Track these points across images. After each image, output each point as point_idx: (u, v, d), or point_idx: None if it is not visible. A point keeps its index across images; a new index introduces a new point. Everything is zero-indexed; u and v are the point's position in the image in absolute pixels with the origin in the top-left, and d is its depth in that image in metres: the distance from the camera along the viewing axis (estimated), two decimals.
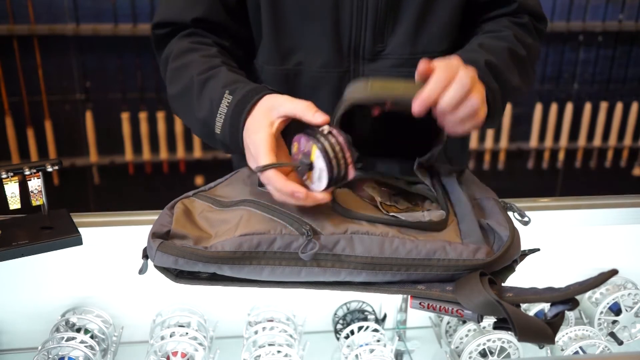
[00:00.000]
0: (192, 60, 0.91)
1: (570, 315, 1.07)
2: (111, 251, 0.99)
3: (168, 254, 0.69)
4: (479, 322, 0.69)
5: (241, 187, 0.83)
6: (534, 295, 0.67)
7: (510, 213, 0.79)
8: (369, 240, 0.71)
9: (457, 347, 0.99)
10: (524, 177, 3.10)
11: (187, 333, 0.96)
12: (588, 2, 2.87)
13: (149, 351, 0.93)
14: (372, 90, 0.75)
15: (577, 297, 0.66)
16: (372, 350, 0.96)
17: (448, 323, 1.05)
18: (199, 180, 2.73)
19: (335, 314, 1.09)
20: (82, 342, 0.92)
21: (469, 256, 0.70)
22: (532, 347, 1.01)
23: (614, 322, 1.09)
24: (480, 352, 0.96)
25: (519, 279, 0.73)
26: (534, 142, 3.02)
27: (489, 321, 0.98)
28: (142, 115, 2.59)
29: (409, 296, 0.71)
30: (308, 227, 0.71)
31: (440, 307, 0.70)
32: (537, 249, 0.77)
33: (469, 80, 0.73)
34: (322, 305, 1.09)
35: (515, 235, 0.73)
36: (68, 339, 0.93)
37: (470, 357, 0.96)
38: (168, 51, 0.97)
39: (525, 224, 0.78)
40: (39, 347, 0.91)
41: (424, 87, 0.73)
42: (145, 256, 0.73)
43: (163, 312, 1.02)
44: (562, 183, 3.13)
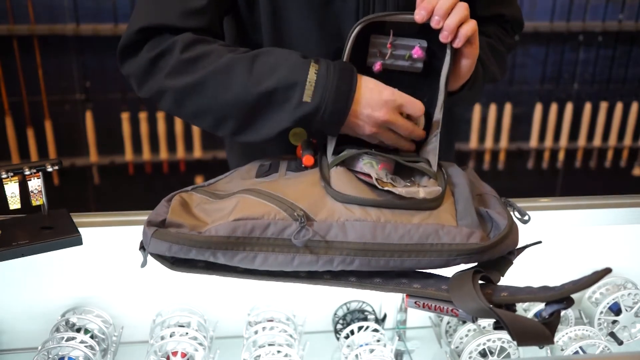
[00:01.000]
0: (215, 49, 0.86)
1: (570, 315, 1.07)
2: (111, 251, 0.99)
3: (162, 241, 0.70)
4: (474, 322, 0.69)
5: (239, 182, 0.83)
6: (529, 294, 0.67)
7: (510, 211, 0.79)
8: (361, 227, 0.71)
9: (457, 347, 0.99)
10: (524, 177, 3.09)
11: (187, 333, 0.96)
12: (588, 2, 2.87)
13: (149, 351, 0.93)
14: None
15: (577, 296, 0.66)
16: (372, 350, 0.96)
17: (448, 323, 1.05)
18: (199, 180, 2.73)
19: (335, 314, 1.09)
20: (82, 342, 0.92)
21: (462, 240, 0.70)
22: (532, 347, 1.01)
23: (614, 322, 1.09)
24: (480, 352, 0.96)
25: (518, 278, 0.73)
26: (534, 142, 3.02)
27: (488, 321, 0.98)
28: (142, 115, 2.59)
29: (405, 295, 0.71)
30: (302, 213, 0.71)
31: (435, 306, 0.70)
32: (539, 242, 0.77)
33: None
34: (322, 305, 1.09)
35: (513, 226, 0.73)
36: (68, 339, 0.93)
37: (470, 357, 0.96)
38: (163, 46, 0.89)
39: (525, 222, 0.78)
40: (39, 347, 0.91)
41: None
42: (142, 247, 0.73)
43: (163, 312, 1.02)
44: (562, 183, 3.13)
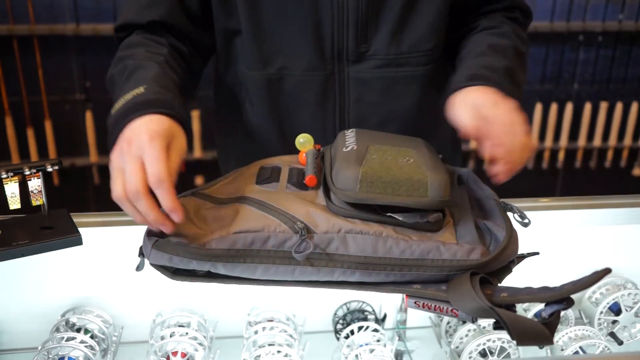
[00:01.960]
0: (136, 53, 0.90)
1: (570, 315, 1.07)
2: (111, 251, 0.99)
3: (163, 252, 0.70)
4: (473, 322, 0.69)
5: (240, 185, 0.83)
6: (529, 295, 0.66)
7: (510, 214, 0.79)
8: (363, 240, 0.71)
9: (457, 347, 0.99)
10: (524, 177, 3.09)
11: (187, 333, 0.96)
12: (588, 2, 2.87)
13: (149, 351, 0.93)
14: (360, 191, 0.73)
15: (577, 296, 0.66)
16: (372, 350, 0.96)
17: (448, 323, 1.05)
18: (199, 180, 2.73)
19: (335, 314, 1.09)
20: (82, 342, 0.92)
21: (463, 256, 0.70)
22: (532, 347, 1.01)
23: (614, 322, 1.09)
24: (480, 352, 0.96)
25: (518, 278, 0.73)
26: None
27: (488, 321, 0.98)
28: None
29: (405, 295, 0.71)
30: (302, 226, 0.71)
31: (435, 306, 0.69)
32: (537, 253, 0.77)
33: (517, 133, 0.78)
34: (322, 305, 1.09)
35: (511, 237, 0.72)
36: (68, 339, 0.93)
37: (470, 357, 0.96)
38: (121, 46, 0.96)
39: (526, 225, 0.78)
40: (39, 347, 0.91)
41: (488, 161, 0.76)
42: (141, 254, 0.73)
43: (163, 312, 1.02)
44: (562, 183, 3.13)
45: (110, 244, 0.98)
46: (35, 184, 0.91)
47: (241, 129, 1.10)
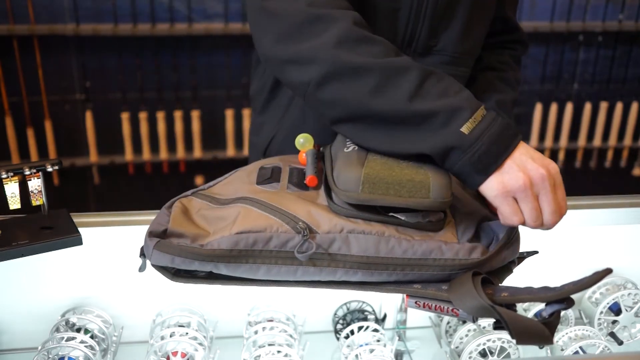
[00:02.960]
0: (380, 39, 0.80)
1: (570, 315, 1.07)
2: (111, 251, 0.99)
3: (165, 253, 0.70)
4: (474, 321, 0.69)
5: (240, 185, 0.83)
6: (529, 294, 0.67)
7: None
8: (365, 240, 0.71)
9: (457, 347, 0.99)
10: None
11: (187, 333, 0.96)
12: (588, 2, 2.87)
13: (149, 351, 0.93)
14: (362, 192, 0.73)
15: (577, 296, 0.66)
16: (372, 350, 0.96)
17: (448, 323, 1.05)
18: (199, 180, 2.73)
19: (335, 314, 1.09)
20: (82, 342, 0.92)
21: (464, 255, 0.70)
22: (532, 347, 1.01)
23: (614, 322, 1.09)
24: (480, 352, 0.96)
25: (518, 279, 0.73)
26: (533, 142, 3.02)
27: (488, 321, 0.98)
28: (142, 115, 2.59)
29: (405, 295, 0.71)
30: (304, 226, 0.71)
31: (435, 306, 0.70)
32: (536, 252, 0.77)
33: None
34: (322, 305, 1.09)
35: (512, 235, 0.73)
36: (68, 339, 0.93)
37: (470, 357, 0.96)
38: (324, 10, 0.80)
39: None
40: (39, 347, 0.91)
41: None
42: (142, 255, 0.73)
43: (163, 312, 1.02)
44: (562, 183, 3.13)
45: (110, 244, 0.98)
46: (35, 184, 0.91)
47: (285, 114, 1.07)
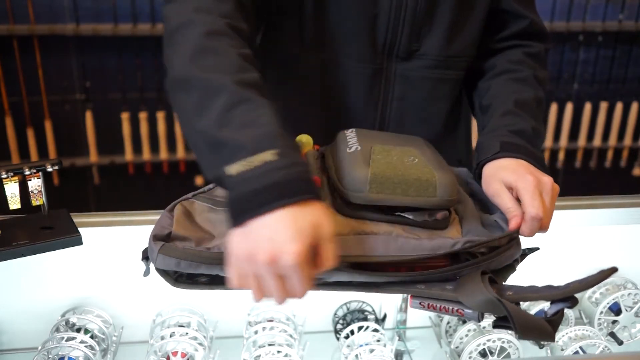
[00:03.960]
0: (227, 53, 0.74)
1: (570, 315, 1.07)
2: (111, 251, 0.99)
3: (170, 257, 0.69)
4: (479, 320, 0.69)
5: None
6: (534, 293, 0.67)
7: None
8: (374, 240, 0.71)
9: (457, 347, 0.99)
10: None
11: (187, 333, 0.96)
12: (588, 2, 2.86)
13: (149, 351, 0.93)
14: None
15: (578, 296, 0.66)
16: (372, 350, 0.96)
17: (448, 323, 1.05)
18: (199, 180, 2.73)
19: (335, 314, 1.09)
20: (82, 342, 0.92)
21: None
22: (532, 347, 1.01)
23: (614, 322, 1.09)
24: (480, 352, 0.96)
25: (519, 279, 0.73)
26: None
27: (488, 321, 0.98)
28: (142, 115, 2.59)
29: (409, 296, 0.71)
30: None
31: (440, 306, 0.70)
32: (537, 248, 0.77)
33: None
34: (322, 305, 1.09)
35: (515, 233, 0.74)
36: (68, 339, 0.93)
37: (470, 357, 0.96)
38: (194, 15, 0.78)
39: None
40: (39, 347, 0.91)
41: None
42: (145, 258, 0.72)
43: (163, 312, 1.02)
44: (562, 183, 3.13)
45: (110, 244, 0.98)
46: (35, 184, 0.91)
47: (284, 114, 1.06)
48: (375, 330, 1.01)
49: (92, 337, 0.96)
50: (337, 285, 0.73)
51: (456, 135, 1.12)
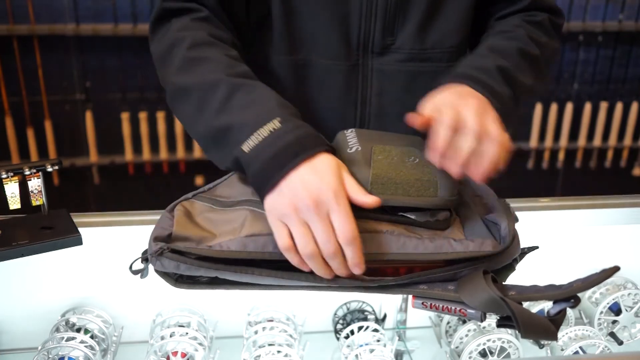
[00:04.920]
0: (215, 57, 0.82)
1: (570, 315, 1.07)
2: (111, 251, 0.99)
3: (170, 259, 0.69)
4: (482, 320, 0.69)
5: (241, 187, 0.82)
6: (536, 293, 0.67)
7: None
8: (376, 239, 0.71)
9: (457, 347, 0.99)
10: (524, 177, 3.09)
11: (187, 333, 0.96)
12: (588, 2, 2.87)
13: (149, 351, 0.93)
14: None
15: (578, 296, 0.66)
16: (372, 350, 0.96)
17: (448, 323, 1.05)
18: (199, 180, 2.73)
19: (335, 314, 1.09)
20: (82, 342, 0.92)
21: (475, 248, 0.70)
22: (532, 347, 1.01)
23: (614, 322, 1.09)
24: (480, 352, 0.96)
25: (519, 279, 0.73)
26: (534, 142, 3.02)
27: (489, 321, 0.98)
28: (142, 115, 2.59)
29: (411, 296, 0.71)
30: None
31: (442, 306, 0.70)
32: (536, 247, 0.77)
33: (475, 122, 0.71)
34: (322, 305, 1.09)
35: (516, 232, 0.74)
36: (68, 339, 0.93)
37: (470, 357, 0.96)
38: (177, 34, 0.85)
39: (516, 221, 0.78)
40: (39, 347, 0.91)
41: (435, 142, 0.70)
42: (145, 259, 0.72)
43: (163, 312, 1.02)
44: (562, 183, 3.13)
45: (110, 244, 0.98)
46: (35, 184, 0.91)
47: None
48: (375, 330, 1.01)
49: (92, 337, 0.96)
50: (339, 286, 0.73)
51: None
